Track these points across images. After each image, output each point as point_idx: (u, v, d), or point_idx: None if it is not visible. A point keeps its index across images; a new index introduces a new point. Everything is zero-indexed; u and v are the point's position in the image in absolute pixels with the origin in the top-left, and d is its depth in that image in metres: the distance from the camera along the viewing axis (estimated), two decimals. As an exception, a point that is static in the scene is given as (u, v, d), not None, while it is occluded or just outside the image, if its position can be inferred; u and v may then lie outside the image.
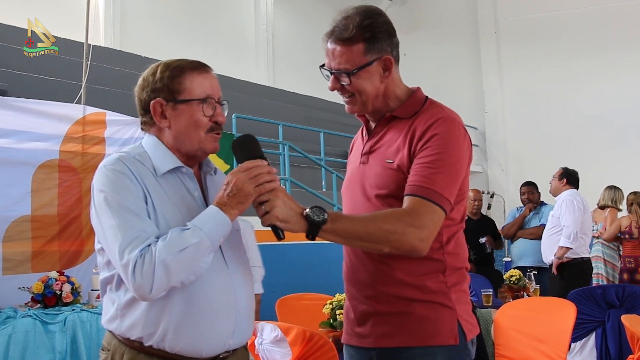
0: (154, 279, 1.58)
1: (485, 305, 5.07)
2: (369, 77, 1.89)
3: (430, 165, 1.79)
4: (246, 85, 10.74)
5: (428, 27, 14.39)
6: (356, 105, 1.94)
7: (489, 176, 13.40)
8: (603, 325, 5.02)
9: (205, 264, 1.66)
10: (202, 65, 1.86)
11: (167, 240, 1.62)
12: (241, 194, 1.66)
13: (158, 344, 1.69)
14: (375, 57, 1.89)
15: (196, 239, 1.62)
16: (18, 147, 4.69)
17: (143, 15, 11.09)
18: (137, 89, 1.86)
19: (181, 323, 1.69)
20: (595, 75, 12.21)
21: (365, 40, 1.87)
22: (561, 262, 5.98)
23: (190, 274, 1.64)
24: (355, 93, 1.91)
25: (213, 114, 1.82)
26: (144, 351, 1.71)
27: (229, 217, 1.67)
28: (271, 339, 3.35)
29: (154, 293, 1.61)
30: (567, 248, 5.91)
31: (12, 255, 4.60)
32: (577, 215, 5.94)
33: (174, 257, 1.59)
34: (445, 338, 1.83)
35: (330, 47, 1.91)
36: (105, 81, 7.83)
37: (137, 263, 1.59)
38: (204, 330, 1.71)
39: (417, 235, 1.73)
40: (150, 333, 1.69)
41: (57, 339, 3.93)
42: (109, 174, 1.71)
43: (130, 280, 1.60)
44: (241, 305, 1.79)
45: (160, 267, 1.58)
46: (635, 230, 6.55)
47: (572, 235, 5.88)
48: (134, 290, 1.62)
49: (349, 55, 1.87)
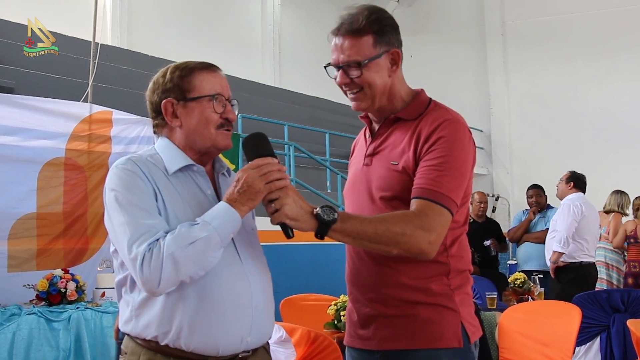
0: (162, 272, 1.59)
1: (489, 308, 5.06)
2: (378, 70, 1.90)
3: (437, 167, 1.79)
4: (252, 85, 10.76)
5: (435, 29, 14.39)
6: (364, 100, 1.93)
7: (494, 179, 13.39)
8: (608, 329, 5.01)
9: (214, 259, 1.66)
10: (211, 65, 1.89)
11: (175, 234, 1.63)
12: (251, 190, 1.67)
13: (174, 343, 1.69)
14: (384, 50, 1.90)
15: (205, 233, 1.63)
16: (24, 145, 4.71)
17: (150, 15, 11.13)
18: (148, 92, 1.89)
19: (195, 319, 1.69)
20: (601, 78, 12.19)
21: (375, 32, 1.88)
22: (557, 266, 5.99)
23: (199, 269, 1.65)
24: (365, 86, 1.90)
25: (224, 110, 1.84)
26: (160, 351, 1.71)
27: (239, 213, 1.68)
28: (275, 339, 3.34)
29: (162, 287, 1.62)
30: (560, 253, 5.92)
31: (18, 252, 4.61)
32: (570, 220, 5.93)
33: (182, 250, 1.60)
34: (449, 341, 1.82)
35: (338, 41, 1.91)
36: (111, 80, 7.86)
37: (146, 256, 1.60)
38: (219, 326, 1.71)
39: (426, 238, 1.73)
40: (165, 331, 1.69)
41: (61, 336, 3.94)
42: (120, 174, 1.74)
43: (138, 274, 1.62)
44: (258, 302, 1.79)
45: (169, 261, 1.59)
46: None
47: (563, 240, 5.88)
48: (142, 284, 1.63)
49: (359, 47, 1.88)
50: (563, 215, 6.00)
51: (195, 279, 1.66)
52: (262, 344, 1.85)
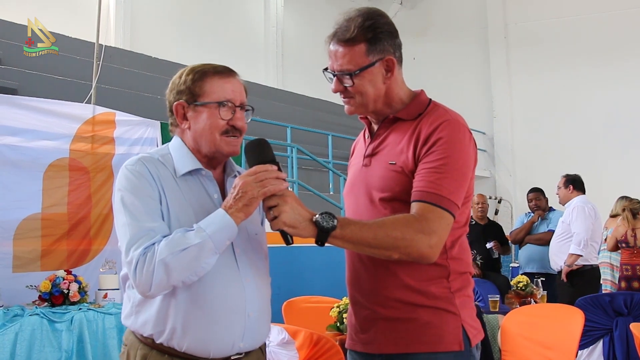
0: (154, 277, 1.63)
1: (492, 311, 5.05)
2: (371, 79, 1.88)
3: (436, 170, 1.77)
4: (255, 87, 10.76)
5: (438, 32, 14.39)
6: (356, 106, 1.93)
7: (496, 181, 13.38)
8: (611, 333, 5.00)
9: (207, 265, 1.68)
10: (227, 70, 1.90)
11: (169, 239, 1.66)
12: (246, 197, 1.69)
13: (168, 342, 1.74)
14: (378, 58, 1.88)
15: (198, 239, 1.65)
16: (29, 146, 4.71)
17: (153, 17, 11.14)
18: (167, 91, 1.93)
19: (187, 322, 1.73)
20: (605, 81, 12.18)
21: (367, 41, 1.86)
22: (570, 270, 5.95)
23: (191, 274, 1.67)
24: (357, 95, 1.89)
25: (232, 117, 1.85)
26: (156, 348, 1.76)
27: (234, 220, 1.69)
28: (278, 341, 3.34)
29: (153, 291, 1.66)
30: (578, 255, 5.88)
31: (23, 253, 4.61)
32: (588, 222, 5.92)
33: (174, 256, 1.63)
34: (449, 344, 1.82)
35: (332, 48, 1.90)
36: (115, 81, 7.87)
37: (140, 261, 1.65)
38: (210, 330, 1.74)
39: (427, 242, 1.72)
40: (160, 331, 1.74)
41: (64, 337, 3.94)
42: (128, 174, 1.78)
43: (132, 277, 1.67)
44: (252, 309, 1.80)
45: (161, 266, 1.63)
46: (631, 238, 6.53)
47: (583, 243, 5.85)
48: (137, 287, 1.68)
49: (351, 56, 1.86)
50: (580, 217, 5.96)
51: (188, 284, 1.69)
52: (255, 348, 1.87)
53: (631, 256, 6.47)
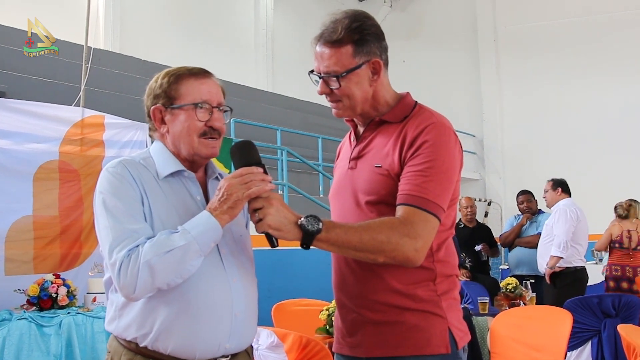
0: (138, 279, 1.62)
1: (481, 313, 5.07)
2: (358, 81, 1.88)
3: (422, 173, 1.77)
4: (245, 90, 10.75)
5: (427, 35, 14.43)
6: (343, 109, 1.93)
7: (486, 184, 13.42)
8: (599, 334, 5.03)
9: (192, 267, 1.68)
10: (202, 71, 1.88)
11: (154, 241, 1.65)
12: (231, 199, 1.69)
13: (152, 345, 1.72)
14: (364, 60, 1.87)
15: (183, 241, 1.65)
16: (18, 149, 4.70)
17: (143, 19, 11.11)
18: (145, 96, 1.91)
19: (172, 323, 1.71)
20: (594, 84, 12.25)
21: (354, 43, 1.86)
22: (554, 272, 6.00)
23: (176, 277, 1.66)
24: (343, 97, 1.89)
25: (209, 119, 1.84)
26: (140, 352, 1.74)
27: (219, 222, 1.69)
28: (267, 344, 3.34)
29: (137, 293, 1.64)
30: (558, 257, 5.94)
31: (15, 255, 4.59)
32: (568, 225, 5.97)
33: (159, 258, 1.62)
34: (436, 347, 1.82)
35: (319, 50, 1.89)
36: (104, 84, 7.84)
37: (124, 263, 1.63)
38: (196, 332, 1.72)
39: (412, 246, 1.72)
40: (144, 333, 1.72)
41: (52, 342, 3.92)
42: (109, 177, 1.77)
43: (116, 279, 1.65)
44: (238, 309, 1.79)
45: (145, 268, 1.61)
46: (626, 239, 6.58)
47: (562, 245, 5.91)
48: (120, 289, 1.66)
49: (338, 58, 1.86)
50: (561, 220, 6.02)
51: (172, 286, 1.68)
52: (242, 350, 1.86)
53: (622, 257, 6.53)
